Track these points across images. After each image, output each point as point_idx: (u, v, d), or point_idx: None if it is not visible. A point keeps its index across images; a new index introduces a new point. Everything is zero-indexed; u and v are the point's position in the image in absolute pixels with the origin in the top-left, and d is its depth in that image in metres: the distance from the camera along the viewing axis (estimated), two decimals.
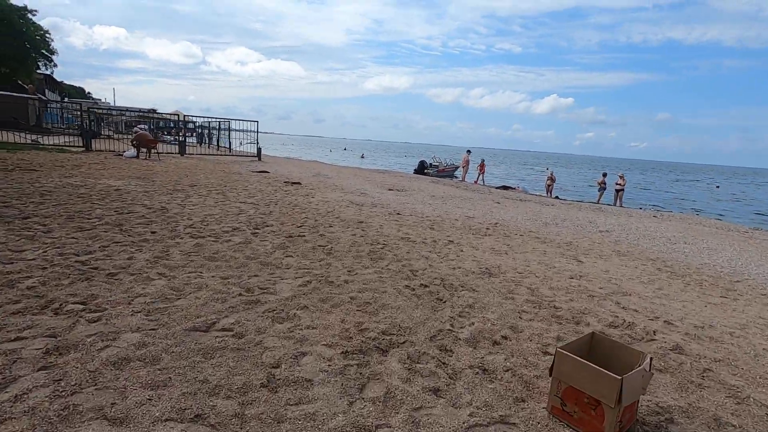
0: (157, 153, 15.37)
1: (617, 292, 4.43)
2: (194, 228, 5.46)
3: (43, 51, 35.94)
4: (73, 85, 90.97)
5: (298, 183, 11.86)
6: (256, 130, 20.23)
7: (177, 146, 18.34)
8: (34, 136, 18.13)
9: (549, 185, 22.14)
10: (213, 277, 3.75)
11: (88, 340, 2.49)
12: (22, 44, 33.90)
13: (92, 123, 32.24)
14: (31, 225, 4.90)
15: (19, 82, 35.78)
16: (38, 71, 39.38)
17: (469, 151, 22.09)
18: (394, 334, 2.91)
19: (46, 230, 4.75)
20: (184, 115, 22.58)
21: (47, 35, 36.28)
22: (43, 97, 38.28)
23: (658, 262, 6.22)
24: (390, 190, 12.76)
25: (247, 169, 14.85)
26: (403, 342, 2.82)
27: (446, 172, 32.03)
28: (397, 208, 8.95)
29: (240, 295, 3.39)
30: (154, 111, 33.11)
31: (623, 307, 3.96)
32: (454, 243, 6.00)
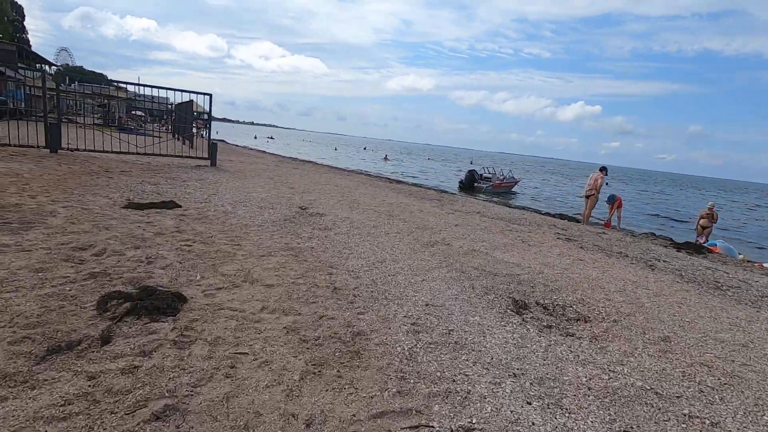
0: None
1: None
2: None
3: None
4: (93, 71, 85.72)
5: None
6: (208, 110, 10.55)
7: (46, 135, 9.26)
8: None
9: (705, 227, 12.52)
10: None
11: None
12: None
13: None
14: None
15: None
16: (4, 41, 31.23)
17: (604, 170, 11.42)
18: None
19: None
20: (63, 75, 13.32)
21: None
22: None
23: None
24: (516, 312, 3.51)
25: (127, 196, 5.84)
26: None
27: (504, 188, 22.51)
28: None
29: None
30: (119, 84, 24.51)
31: None
32: None
